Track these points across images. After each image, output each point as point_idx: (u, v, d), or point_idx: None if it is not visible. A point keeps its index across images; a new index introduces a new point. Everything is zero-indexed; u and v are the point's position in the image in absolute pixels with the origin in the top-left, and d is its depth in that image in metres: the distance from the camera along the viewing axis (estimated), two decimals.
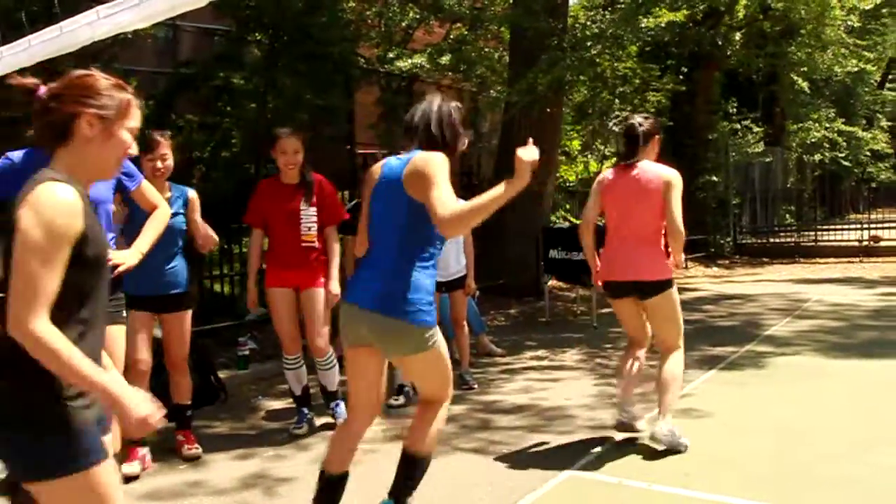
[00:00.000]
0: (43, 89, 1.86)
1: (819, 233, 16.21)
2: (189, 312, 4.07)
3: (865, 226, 15.60)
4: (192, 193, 4.10)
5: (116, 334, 3.44)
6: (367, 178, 2.98)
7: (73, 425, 1.74)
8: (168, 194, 3.92)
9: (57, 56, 2.04)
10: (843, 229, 16.33)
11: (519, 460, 3.91)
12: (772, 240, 16.82)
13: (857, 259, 14.15)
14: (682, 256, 4.14)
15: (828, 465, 3.75)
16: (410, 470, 2.95)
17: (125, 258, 3.20)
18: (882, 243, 14.70)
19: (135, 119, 1.90)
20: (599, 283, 4.18)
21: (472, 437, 4.39)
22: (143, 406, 1.73)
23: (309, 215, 4.41)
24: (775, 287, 10.98)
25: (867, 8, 15.91)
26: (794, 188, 19.79)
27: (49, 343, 1.64)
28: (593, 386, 5.52)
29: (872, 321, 7.88)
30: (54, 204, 1.68)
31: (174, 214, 3.85)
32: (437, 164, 2.67)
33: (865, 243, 14.73)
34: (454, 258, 5.60)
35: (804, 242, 15.83)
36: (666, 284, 3.95)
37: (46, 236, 1.67)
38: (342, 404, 4.60)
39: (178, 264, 4.01)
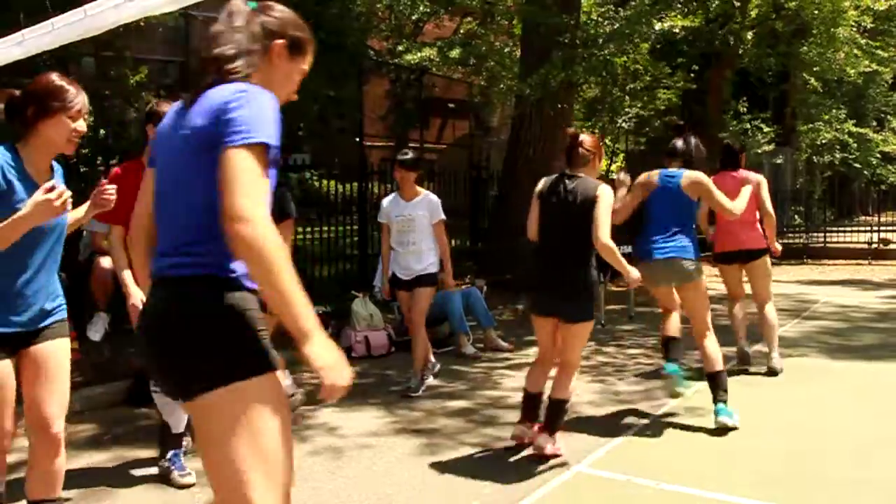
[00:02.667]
0: None
1: (828, 234, 16.12)
2: (66, 341, 2.73)
3: (875, 228, 15.53)
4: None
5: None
6: (645, 181, 4.58)
7: None
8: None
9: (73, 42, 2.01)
10: (852, 231, 16.23)
11: (527, 456, 3.90)
12: (780, 240, 16.71)
13: (866, 261, 14.09)
14: (778, 246, 5.98)
15: (837, 465, 3.73)
16: (715, 380, 4.37)
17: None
18: (891, 246, 14.62)
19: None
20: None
21: (479, 433, 4.38)
22: None
23: None
24: (783, 288, 10.92)
25: (881, 9, 15.78)
26: (803, 189, 19.67)
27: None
28: (599, 383, 5.50)
29: (880, 324, 7.84)
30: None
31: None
32: (706, 178, 4.50)
33: (874, 245, 14.66)
34: (426, 256, 5.31)
35: (813, 244, 15.75)
36: (764, 251, 5.76)
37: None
38: (181, 457, 3.64)
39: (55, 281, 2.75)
